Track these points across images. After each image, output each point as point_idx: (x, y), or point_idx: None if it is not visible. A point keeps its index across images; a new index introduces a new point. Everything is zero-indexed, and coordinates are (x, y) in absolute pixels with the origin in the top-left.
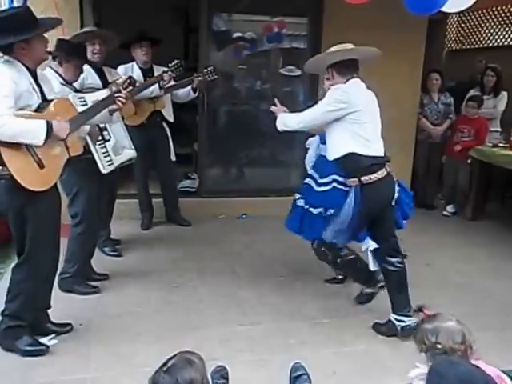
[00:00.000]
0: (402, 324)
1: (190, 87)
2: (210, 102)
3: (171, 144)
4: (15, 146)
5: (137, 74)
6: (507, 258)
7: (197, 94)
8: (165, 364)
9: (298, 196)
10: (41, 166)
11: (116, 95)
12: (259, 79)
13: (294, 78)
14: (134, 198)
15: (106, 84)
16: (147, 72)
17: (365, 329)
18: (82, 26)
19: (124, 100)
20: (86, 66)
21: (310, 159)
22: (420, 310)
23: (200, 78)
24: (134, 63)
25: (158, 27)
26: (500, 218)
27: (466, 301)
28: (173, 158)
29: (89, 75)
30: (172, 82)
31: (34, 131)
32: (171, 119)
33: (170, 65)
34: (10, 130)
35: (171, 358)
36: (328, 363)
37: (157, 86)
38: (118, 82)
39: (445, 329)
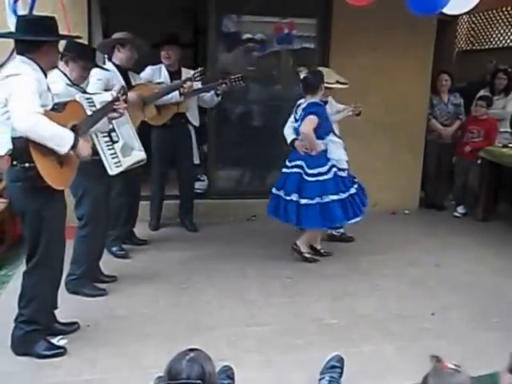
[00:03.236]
0: None
1: (213, 92)
2: (219, 104)
3: (195, 147)
4: (39, 143)
5: (164, 76)
6: None
7: (220, 99)
8: (185, 354)
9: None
10: (60, 164)
11: (116, 103)
12: (268, 80)
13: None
14: (144, 200)
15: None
16: (175, 74)
17: (372, 329)
18: (89, 28)
19: (122, 108)
20: (113, 68)
21: None
22: (438, 360)
23: (224, 87)
24: (163, 65)
25: (166, 29)
26: (511, 219)
27: (476, 301)
28: (196, 160)
29: (114, 77)
30: (196, 87)
31: (63, 139)
32: (196, 123)
33: (193, 72)
34: (44, 129)
35: (190, 350)
36: None
37: (177, 92)
38: (114, 89)
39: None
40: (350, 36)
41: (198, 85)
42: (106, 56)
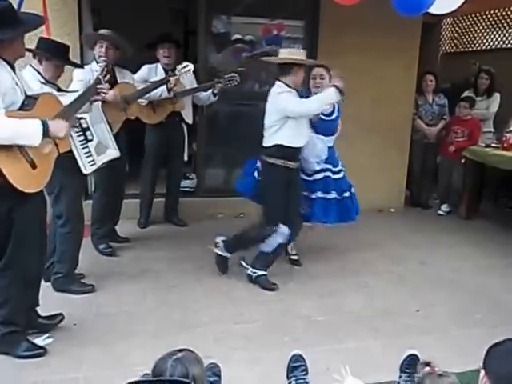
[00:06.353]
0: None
1: (210, 91)
2: (210, 103)
3: (186, 145)
4: (7, 146)
5: (160, 74)
6: (500, 256)
7: (217, 98)
8: (173, 354)
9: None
10: (33, 166)
11: (98, 86)
12: (257, 80)
13: None
14: (133, 198)
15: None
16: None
17: (358, 326)
18: (80, 28)
19: (106, 89)
20: (97, 67)
21: (323, 153)
22: (427, 364)
23: (221, 85)
24: (159, 64)
25: (157, 29)
26: (494, 217)
27: (459, 298)
28: (185, 158)
29: (94, 77)
30: (195, 85)
31: (29, 132)
32: (190, 121)
33: (177, 67)
34: (5, 132)
35: (179, 351)
36: (321, 360)
37: (165, 88)
38: (96, 69)
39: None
40: (337, 37)
41: (193, 83)
42: (94, 54)
